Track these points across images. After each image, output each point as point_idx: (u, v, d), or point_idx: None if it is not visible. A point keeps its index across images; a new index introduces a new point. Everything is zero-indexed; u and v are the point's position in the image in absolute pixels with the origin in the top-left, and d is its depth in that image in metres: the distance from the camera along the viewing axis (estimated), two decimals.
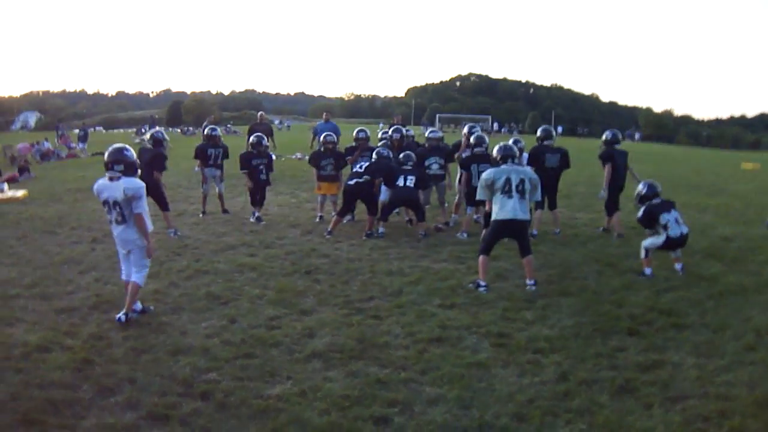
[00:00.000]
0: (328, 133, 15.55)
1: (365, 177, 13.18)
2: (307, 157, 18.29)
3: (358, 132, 15.43)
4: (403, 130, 16.09)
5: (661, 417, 5.72)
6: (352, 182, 13.25)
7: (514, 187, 9.54)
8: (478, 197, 10.28)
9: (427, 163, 14.48)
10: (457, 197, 14.70)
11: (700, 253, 11.94)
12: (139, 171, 8.22)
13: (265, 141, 15.39)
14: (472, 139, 13.58)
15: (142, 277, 8.09)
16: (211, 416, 5.62)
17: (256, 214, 14.65)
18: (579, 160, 20.40)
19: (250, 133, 22.97)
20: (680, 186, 23.08)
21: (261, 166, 14.77)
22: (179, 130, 78.78)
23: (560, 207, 14.24)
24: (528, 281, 9.65)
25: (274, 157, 17.38)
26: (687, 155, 55.52)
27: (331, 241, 12.61)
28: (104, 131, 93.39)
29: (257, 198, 14.82)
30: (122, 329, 7.63)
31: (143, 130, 66.33)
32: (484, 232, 9.89)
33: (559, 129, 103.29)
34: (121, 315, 7.85)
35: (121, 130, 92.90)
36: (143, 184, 8.04)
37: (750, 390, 6.28)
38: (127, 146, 8.23)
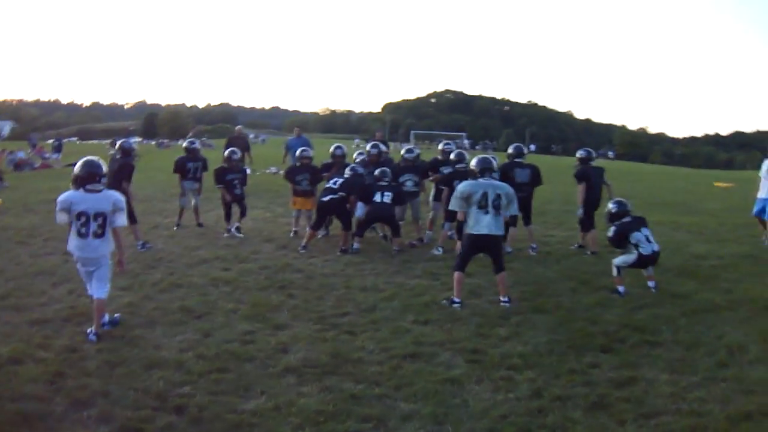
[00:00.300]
0: (305, 148, 15.58)
1: (340, 193, 13.17)
2: (281, 172, 18.29)
3: (335, 149, 15.41)
4: (382, 146, 16.09)
5: None
6: (326, 198, 13.22)
7: (490, 202, 9.58)
8: (451, 207, 10.26)
9: (401, 179, 14.53)
10: (431, 213, 14.77)
11: (673, 270, 12.01)
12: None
13: (237, 155, 15.36)
14: (452, 156, 13.68)
15: (106, 292, 8.03)
16: (185, 430, 5.61)
17: (231, 229, 14.63)
18: (553, 178, 20.50)
19: (227, 147, 22.99)
20: (654, 204, 23.19)
21: (235, 181, 14.76)
22: (154, 143, 78.47)
23: (534, 224, 14.27)
24: (501, 298, 9.67)
25: (248, 171, 17.32)
26: (660, 174, 55.89)
27: (306, 256, 12.59)
28: (78, 142, 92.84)
29: (231, 212, 14.82)
30: (96, 343, 7.59)
31: (117, 142, 66.24)
32: (458, 245, 9.90)
33: (532, 147, 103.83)
34: (91, 334, 7.74)
35: (96, 141, 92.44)
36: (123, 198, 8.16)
37: (723, 406, 6.33)
38: (96, 158, 8.19)
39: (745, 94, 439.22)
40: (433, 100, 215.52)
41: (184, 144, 15.96)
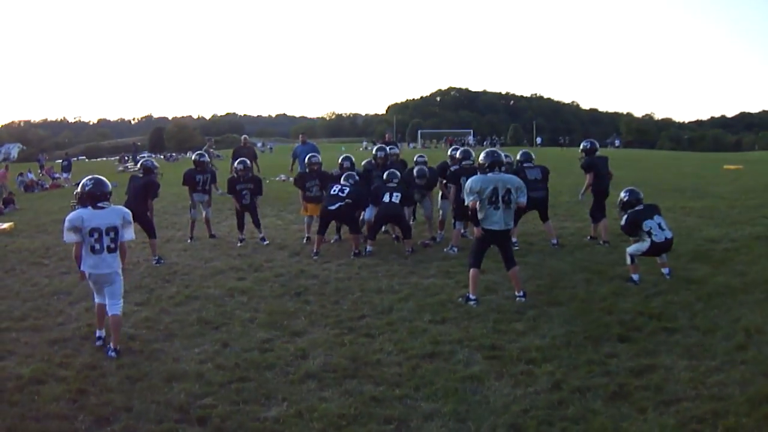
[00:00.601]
0: (313, 154, 15.61)
1: (347, 201, 13.17)
2: (291, 179, 18.32)
3: (343, 160, 15.37)
4: (388, 148, 16.10)
5: (656, 420, 5.77)
6: (334, 207, 13.15)
7: (500, 197, 9.57)
8: (465, 199, 10.22)
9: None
10: (440, 213, 14.79)
11: (686, 256, 12.01)
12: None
13: (242, 166, 15.37)
14: (458, 153, 13.73)
15: (120, 307, 8.04)
16: None
17: (243, 238, 14.76)
18: (562, 170, 20.51)
19: (234, 157, 23.02)
20: (664, 190, 23.17)
21: (244, 191, 14.79)
22: (162, 157, 78.63)
23: None
24: (517, 293, 9.69)
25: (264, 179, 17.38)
26: (669, 159, 55.75)
27: (320, 262, 12.62)
28: (87, 160, 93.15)
29: (244, 222, 14.90)
30: (116, 359, 7.63)
31: (126, 158, 66.37)
32: (476, 231, 9.87)
33: (539, 140, 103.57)
34: (110, 351, 7.80)
35: (104, 159, 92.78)
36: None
37: (742, 389, 6.34)
38: (103, 179, 8.22)
39: (749, 75, 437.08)
40: (438, 99, 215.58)
41: (193, 156, 15.98)
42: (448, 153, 14.93)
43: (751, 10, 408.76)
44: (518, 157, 14.27)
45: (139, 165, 14.80)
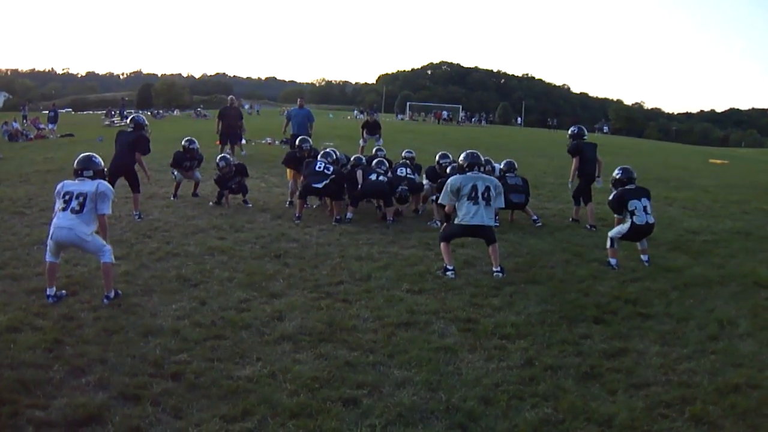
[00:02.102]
0: (305, 139, 15.43)
1: (332, 177, 13.13)
2: (277, 142, 18.30)
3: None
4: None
5: (625, 402, 5.83)
6: (320, 185, 13.09)
7: (480, 194, 9.72)
8: (441, 201, 10.42)
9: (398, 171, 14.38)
10: (425, 189, 14.72)
11: (666, 245, 12.12)
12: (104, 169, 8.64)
13: (229, 160, 15.13)
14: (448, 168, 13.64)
15: (107, 254, 8.09)
16: (182, 396, 5.64)
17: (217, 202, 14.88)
18: (548, 152, 20.53)
19: (219, 117, 22.97)
20: (648, 179, 23.16)
21: (232, 185, 14.91)
22: (149, 113, 78.23)
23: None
24: (494, 269, 9.76)
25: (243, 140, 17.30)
26: (656, 149, 56.00)
27: (301, 226, 12.63)
28: (73, 113, 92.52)
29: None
30: (93, 310, 7.62)
31: (113, 113, 65.87)
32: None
33: (519, 120, 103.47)
34: (105, 298, 8.00)
35: (91, 112, 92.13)
36: (113, 190, 8.58)
37: (711, 378, 6.41)
38: (95, 155, 8.64)
39: (741, 72, 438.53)
40: (429, 72, 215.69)
41: (183, 142, 15.73)
42: (437, 160, 14.68)
43: (748, 8, 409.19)
44: (501, 166, 14.51)
45: (129, 120, 14.91)
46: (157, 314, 7.63)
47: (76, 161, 8.44)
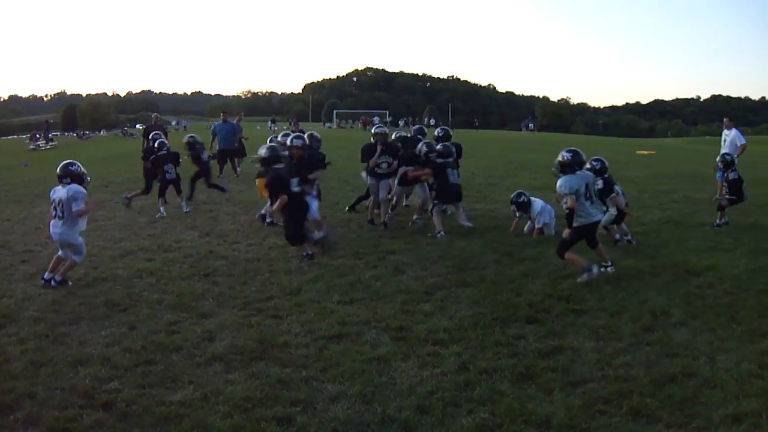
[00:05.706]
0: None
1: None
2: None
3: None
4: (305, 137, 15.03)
5: (562, 401, 5.82)
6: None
7: (593, 192, 9.97)
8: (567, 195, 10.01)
9: (379, 161, 14.14)
10: (419, 199, 14.62)
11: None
12: (87, 180, 10.22)
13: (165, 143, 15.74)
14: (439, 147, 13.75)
15: (79, 258, 10.03)
16: (114, 426, 5.47)
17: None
18: (476, 151, 20.66)
19: (145, 134, 22.89)
20: None
21: (168, 168, 16.31)
22: (75, 135, 77.02)
23: None
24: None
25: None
26: (583, 143, 56.61)
27: (229, 242, 12.52)
28: None
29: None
30: (20, 343, 7.37)
31: (37, 136, 64.76)
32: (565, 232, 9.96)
33: (432, 121, 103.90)
34: (53, 281, 9.68)
35: (15, 137, 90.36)
36: (84, 190, 9.94)
37: (647, 370, 6.47)
38: (73, 161, 10.24)
39: (664, 64, 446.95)
40: (354, 79, 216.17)
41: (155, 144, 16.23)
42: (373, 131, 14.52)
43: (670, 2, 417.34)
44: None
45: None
46: (86, 342, 7.43)
47: (57, 168, 9.94)
